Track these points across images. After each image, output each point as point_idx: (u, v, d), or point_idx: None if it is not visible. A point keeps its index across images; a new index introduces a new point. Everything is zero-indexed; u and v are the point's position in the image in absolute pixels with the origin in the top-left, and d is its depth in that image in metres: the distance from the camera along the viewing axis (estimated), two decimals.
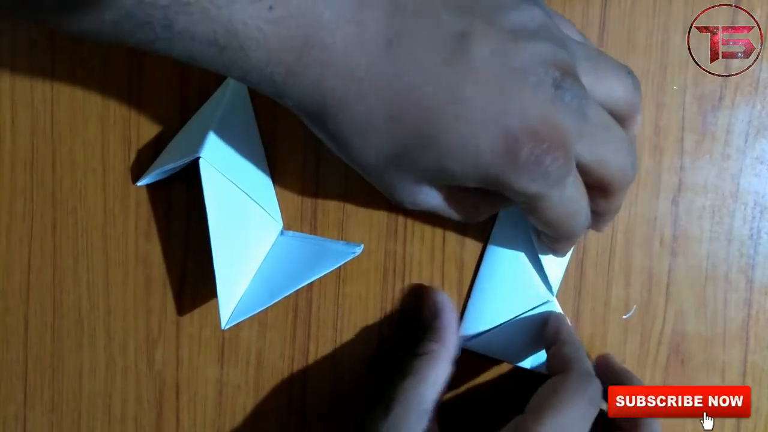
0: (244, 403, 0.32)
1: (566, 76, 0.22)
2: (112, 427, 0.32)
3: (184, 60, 0.21)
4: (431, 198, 0.25)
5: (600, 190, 0.24)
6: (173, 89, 0.30)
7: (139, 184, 0.31)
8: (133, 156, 0.31)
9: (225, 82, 0.30)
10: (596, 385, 0.25)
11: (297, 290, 0.27)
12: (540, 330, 0.29)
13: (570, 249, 0.28)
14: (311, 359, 0.31)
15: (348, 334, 0.31)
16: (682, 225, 0.30)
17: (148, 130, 0.31)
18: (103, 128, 0.31)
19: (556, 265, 0.29)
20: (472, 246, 0.30)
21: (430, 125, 0.22)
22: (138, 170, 0.31)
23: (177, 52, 0.21)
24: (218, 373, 0.32)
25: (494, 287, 0.30)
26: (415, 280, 0.30)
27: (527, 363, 0.30)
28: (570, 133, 0.22)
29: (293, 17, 0.20)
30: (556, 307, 0.30)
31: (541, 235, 0.27)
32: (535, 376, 0.29)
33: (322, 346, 0.31)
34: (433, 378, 0.27)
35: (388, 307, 0.31)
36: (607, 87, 0.24)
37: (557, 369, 0.26)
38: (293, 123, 0.30)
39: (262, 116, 0.30)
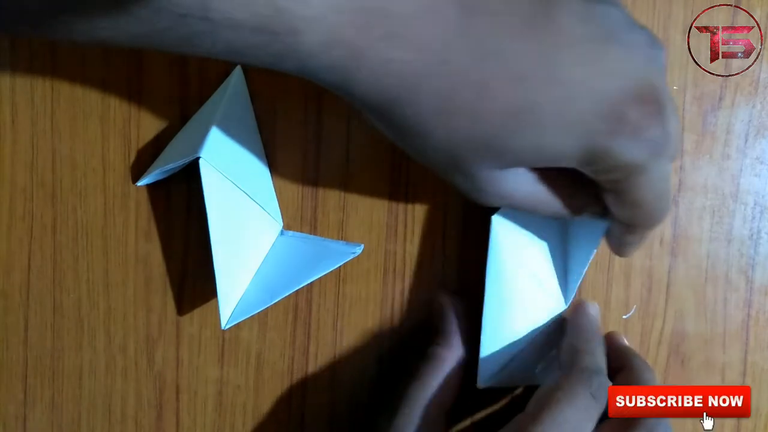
0: (244, 403, 0.32)
1: (653, 37, 0.21)
2: (112, 427, 0.32)
3: (231, 57, 0.19)
4: (522, 184, 0.23)
5: None
6: (173, 89, 0.30)
7: (139, 184, 0.31)
8: (133, 156, 0.31)
9: (225, 81, 0.30)
10: (600, 380, 0.24)
11: (297, 290, 0.27)
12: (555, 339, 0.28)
13: (643, 243, 0.26)
14: (311, 359, 0.31)
15: (348, 334, 0.31)
16: (682, 225, 0.30)
17: (148, 130, 0.31)
18: (103, 128, 0.31)
19: (575, 272, 0.28)
20: (472, 246, 0.30)
21: (523, 95, 0.20)
22: (138, 170, 0.31)
23: (221, 47, 0.18)
24: (218, 373, 0.32)
25: (505, 307, 0.28)
26: (415, 280, 0.30)
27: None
28: (669, 99, 0.20)
29: None
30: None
31: (615, 229, 0.25)
32: None
33: (322, 346, 0.31)
34: (438, 383, 0.26)
35: (389, 307, 0.31)
36: None
37: (566, 363, 0.25)
38: (293, 123, 0.30)
39: (262, 116, 0.30)
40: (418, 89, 0.19)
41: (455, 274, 0.30)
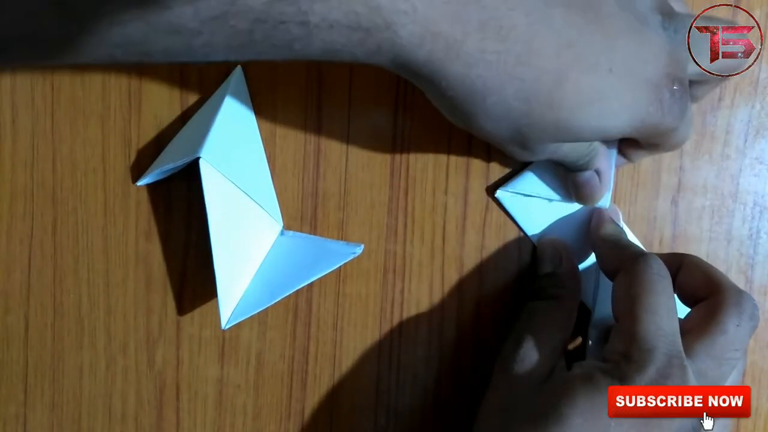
0: (244, 403, 0.32)
1: (665, 15, 0.23)
2: (112, 427, 0.32)
3: (324, 57, 0.19)
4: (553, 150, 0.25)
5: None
6: (173, 89, 0.30)
7: (139, 183, 0.31)
8: (133, 156, 0.31)
9: (225, 82, 0.30)
10: (653, 257, 0.25)
11: (297, 290, 0.27)
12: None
13: None
14: (311, 359, 0.31)
15: (348, 334, 0.31)
16: (682, 225, 0.30)
17: (148, 130, 0.31)
18: (103, 128, 0.31)
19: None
20: (472, 246, 0.30)
21: (594, 84, 0.21)
22: (138, 170, 0.31)
23: (316, 48, 0.19)
24: (218, 373, 0.32)
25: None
26: (415, 280, 0.30)
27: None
28: (685, 65, 0.23)
29: None
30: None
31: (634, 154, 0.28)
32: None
33: (322, 346, 0.31)
34: (560, 319, 0.27)
35: (389, 307, 0.31)
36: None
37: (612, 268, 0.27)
38: (293, 123, 0.30)
39: (262, 116, 0.30)
40: (505, 77, 0.20)
41: (455, 274, 0.30)
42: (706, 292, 0.25)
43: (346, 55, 0.19)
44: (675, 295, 0.26)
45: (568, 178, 0.28)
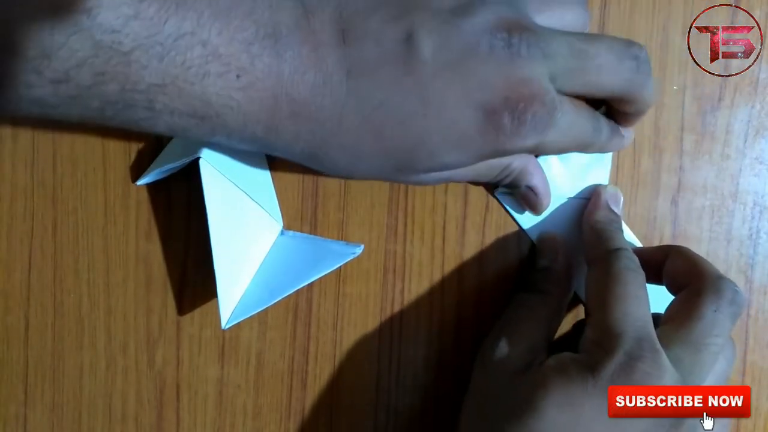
0: (244, 403, 0.32)
1: (514, 32, 0.22)
2: (112, 427, 0.32)
3: (167, 133, 0.23)
4: (443, 176, 0.26)
5: (618, 101, 0.25)
6: None
7: (139, 183, 0.31)
8: (133, 156, 0.31)
9: None
10: (626, 253, 0.25)
11: (297, 290, 0.27)
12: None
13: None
14: (311, 359, 0.31)
15: (348, 334, 0.31)
16: (682, 225, 0.30)
17: None
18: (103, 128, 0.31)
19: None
20: (472, 246, 0.30)
21: (409, 133, 0.23)
22: (138, 170, 0.31)
23: (160, 127, 0.22)
24: (218, 373, 0.32)
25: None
26: (415, 280, 0.30)
27: None
28: (539, 81, 0.22)
29: (260, 81, 0.22)
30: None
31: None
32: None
33: (322, 346, 0.31)
34: (545, 315, 0.27)
35: (389, 307, 0.31)
36: (557, 17, 0.24)
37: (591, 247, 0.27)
38: None
39: None
40: (327, 147, 0.23)
41: (455, 274, 0.30)
42: (688, 279, 0.25)
43: (187, 133, 0.23)
44: (664, 286, 0.27)
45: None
